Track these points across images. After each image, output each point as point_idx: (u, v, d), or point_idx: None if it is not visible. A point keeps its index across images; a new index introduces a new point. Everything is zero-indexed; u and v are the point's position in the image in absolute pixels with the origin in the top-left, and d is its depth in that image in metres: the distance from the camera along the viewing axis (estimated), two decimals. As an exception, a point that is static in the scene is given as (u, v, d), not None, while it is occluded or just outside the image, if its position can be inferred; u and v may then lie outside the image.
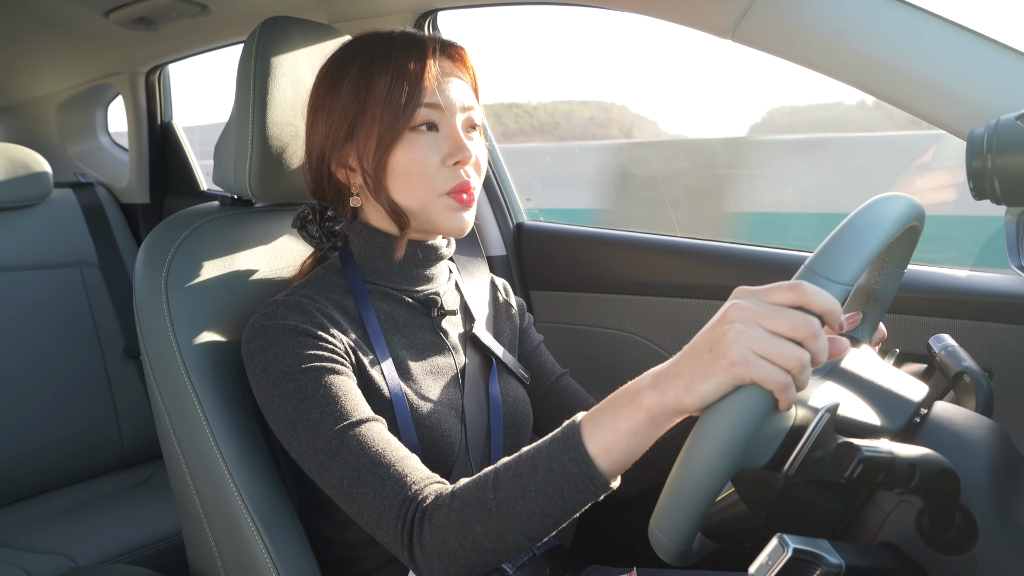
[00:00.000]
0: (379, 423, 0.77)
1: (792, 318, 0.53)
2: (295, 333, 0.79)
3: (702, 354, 0.56)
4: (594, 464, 0.63)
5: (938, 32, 0.84)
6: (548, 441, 0.66)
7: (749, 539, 0.62)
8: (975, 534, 0.56)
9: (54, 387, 1.69)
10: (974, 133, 0.67)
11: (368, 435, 0.75)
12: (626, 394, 0.62)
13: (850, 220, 0.59)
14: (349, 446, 0.74)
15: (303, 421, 0.76)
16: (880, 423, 0.62)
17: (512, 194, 1.57)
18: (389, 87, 0.82)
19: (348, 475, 0.73)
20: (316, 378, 0.77)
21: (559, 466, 0.64)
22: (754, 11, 0.92)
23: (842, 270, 0.55)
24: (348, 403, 0.77)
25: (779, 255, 1.26)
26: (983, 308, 1.05)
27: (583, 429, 0.64)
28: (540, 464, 0.65)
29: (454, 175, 0.84)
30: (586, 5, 1.19)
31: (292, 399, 0.77)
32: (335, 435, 0.75)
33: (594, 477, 0.63)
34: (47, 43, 1.83)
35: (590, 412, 0.65)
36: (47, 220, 1.82)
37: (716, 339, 0.55)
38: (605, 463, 0.63)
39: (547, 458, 0.65)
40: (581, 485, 0.63)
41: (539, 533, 0.66)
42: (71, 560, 1.37)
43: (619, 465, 0.63)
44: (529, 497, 0.65)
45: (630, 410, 0.61)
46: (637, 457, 0.63)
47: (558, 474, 0.64)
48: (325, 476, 0.75)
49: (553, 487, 0.64)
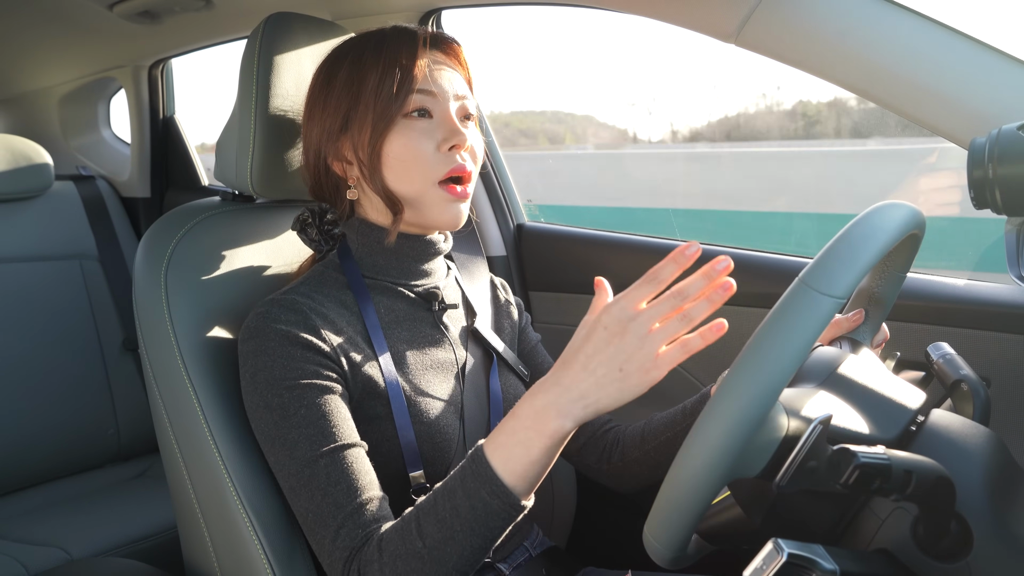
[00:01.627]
0: (356, 449, 0.78)
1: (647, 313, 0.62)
2: (286, 342, 0.79)
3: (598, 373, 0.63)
4: (512, 492, 0.67)
5: (941, 40, 0.84)
6: (460, 479, 0.69)
7: (744, 543, 0.63)
8: (970, 542, 0.56)
9: (51, 379, 1.69)
10: (975, 142, 0.67)
11: (340, 466, 0.76)
12: (531, 422, 0.66)
13: (847, 231, 0.58)
14: (318, 479, 0.75)
15: (281, 439, 0.78)
16: (875, 431, 0.62)
17: (512, 194, 1.57)
18: (381, 76, 0.83)
19: (314, 510, 0.75)
20: (300, 396, 0.78)
21: (479, 502, 0.67)
22: (757, 16, 0.92)
23: (836, 284, 0.54)
24: (328, 426, 0.77)
25: (779, 260, 1.26)
26: (982, 317, 1.05)
27: (493, 462, 0.67)
28: (460, 504, 0.68)
29: (449, 160, 0.84)
30: (587, 6, 1.19)
31: (274, 413, 0.78)
32: (308, 462, 0.76)
33: (514, 504, 0.67)
34: (50, 35, 1.83)
35: (494, 442, 0.68)
36: (48, 212, 1.82)
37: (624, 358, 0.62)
38: (522, 487, 0.67)
39: (465, 497, 0.68)
40: (504, 513, 0.67)
41: (473, 565, 0.70)
42: (66, 552, 1.37)
43: (534, 484, 0.68)
44: (458, 537, 0.68)
45: (541, 439, 0.65)
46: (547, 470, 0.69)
47: (480, 510, 0.67)
48: (294, 501, 0.78)
49: (478, 522, 0.67)
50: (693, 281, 0.61)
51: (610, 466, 1.01)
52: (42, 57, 1.97)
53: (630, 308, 0.62)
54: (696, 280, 0.61)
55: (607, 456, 1.02)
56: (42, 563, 1.33)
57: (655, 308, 0.62)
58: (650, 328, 0.61)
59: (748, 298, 1.26)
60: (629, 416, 1.10)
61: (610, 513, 1.43)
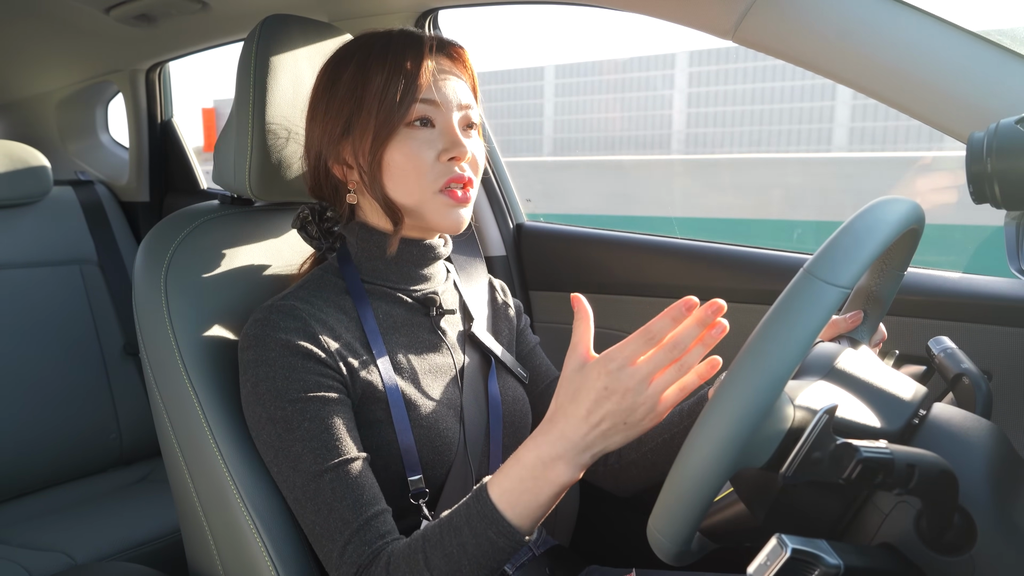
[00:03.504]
0: (360, 461, 0.79)
1: (636, 350, 0.65)
2: (287, 352, 0.79)
3: (618, 425, 0.66)
4: (519, 532, 0.70)
5: (939, 35, 0.84)
6: (466, 518, 0.71)
7: (748, 539, 0.63)
8: (973, 535, 0.56)
9: (53, 384, 1.69)
10: (974, 137, 0.67)
11: (345, 480, 0.77)
12: (539, 471, 0.69)
13: (849, 224, 0.58)
14: (324, 494, 0.76)
15: (285, 452, 0.78)
16: (879, 425, 0.63)
17: (512, 194, 1.57)
18: (385, 83, 0.82)
19: (320, 523, 0.76)
20: (303, 409, 0.78)
21: (486, 541, 0.70)
22: (755, 12, 0.92)
23: (840, 273, 0.55)
24: (331, 440, 0.78)
25: (778, 257, 1.26)
26: (982, 311, 1.05)
27: (500, 506, 0.70)
28: (467, 542, 0.71)
29: (448, 170, 0.84)
30: (587, 5, 1.19)
31: (278, 426, 0.78)
32: (313, 476, 0.77)
33: (519, 541, 0.71)
34: (47, 40, 1.83)
35: (499, 487, 0.71)
36: (47, 218, 1.82)
37: (629, 412, 0.65)
38: (528, 526, 0.71)
39: (472, 536, 0.71)
40: (509, 549, 0.71)
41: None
42: (70, 557, 1.38)
43: (539, 521, 0.72)
44: (464, 570, 0.71)
45: (551, 487, 0.69)
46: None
47: (486, 547, 0.70)
48: (300, 513, 0.79)
49: (484, 557, 0.71)
50: (688, 330, 0.64)
51: (607, 468, 1.01)
52: (39, 62, 1.97)
53: (628, 366, 0.65)
54: (690, 329, 0.64)
55: (604, 459, 1.01)
56: (46, 568, 1.33)
57: (652, 362, 0.65)
58: (650, 380, 0.65)
59: (747, 295, 1.26)
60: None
61: (613, 511, 1.43)
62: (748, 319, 1.27)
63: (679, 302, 0.65)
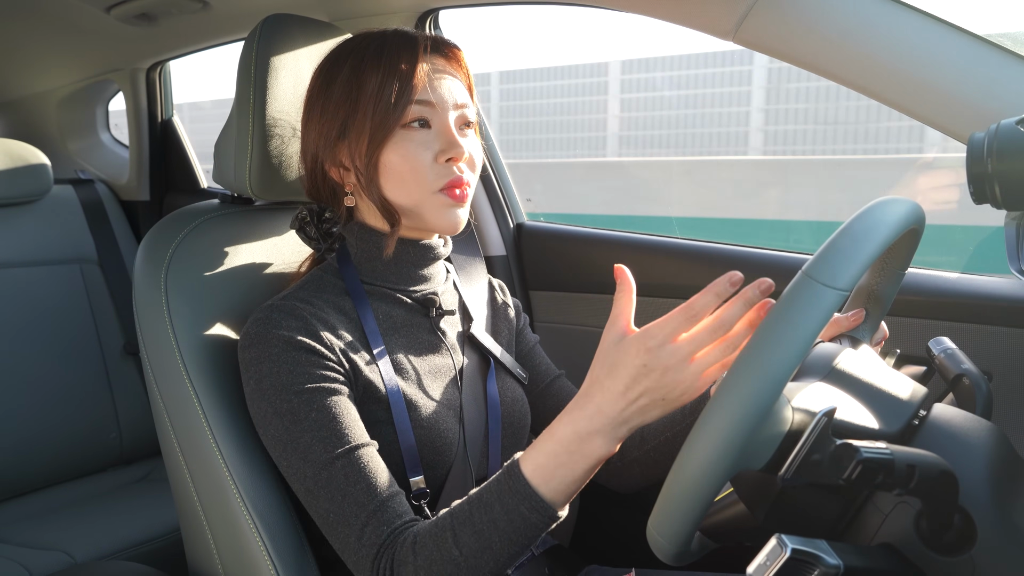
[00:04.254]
0: (370, 447, 0.78)
1: (688, 347, 0.63)
2: (290, 347, 0.79)
3: (656, 400, 0.64)
4: (552, 507, 0.69)
5: (940, 36, 0.84)
6: (497, 494, 0.70)
7: (748, 539, 0.63)
8: (973, 535, 0.56)
9: (53, 383, 1.69)
10: (974, 137, 0.67)
11: (357, 466, 0.76)
12: (575, 447, 0.68)
13: (848, 225, 0.58)
14: (336, 480, 0.76)
15: (294, 444, 0.78)
16: (878, 426, 0.63)
17: (512, 194, 1.57)
18: (380, 84, 0.82)
19: (335, 510, 0.76)
20: (309, 400, 0.78)
21: (518, 517, 0.69)
22: (755, 12, 0.92)
23: (839, 276, 0.54)
24: (340, 428, 0.77)
25: (779, 257, 1.26)
26: (983, 311, 1.05)
27: (533, 481, 0.69)
28: (498, 518, 0.70)
29: (446, 171, 0.84)
30: (586, 5, 1.19)
31: (284, 419, 0.78)
32: (324, 464, 0.76)
33: (553, 516, 0.70)
34: (48, 38, 1.83)
35: (533, 462, 0.69)
36: (47, 216, 1.82)
37: (668, 388, 0.64)
38: (562, 500, 0.70)
39: (504, 512, 0.69)
40: (542, 524, 0.70)
41: (508, 567, 0.72)
42: (70, 556, 1.38)
43: (570, 497, 0.71)
44: (495, 547, 0.70)
45: (587, 460, 0.68)
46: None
47: (518, 523, 0.69)
48: (312, 504, 0.78)
49: (516, 533, 0.70)
50: (733, 309, 0.62)
51: (609, 466, 1.01)
52: (39, 61, 1.97)
53: (669, 344, 0.63)
54: (736, 307, 0.62)
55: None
56: (46, 567, 1.33)
57: (695, 340, 0.63)
58: (691, 359, 0.63)
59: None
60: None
61: (613, 511, 1.43)
62: (748, 319, 1.27)
63: (724, 276, 0.62)
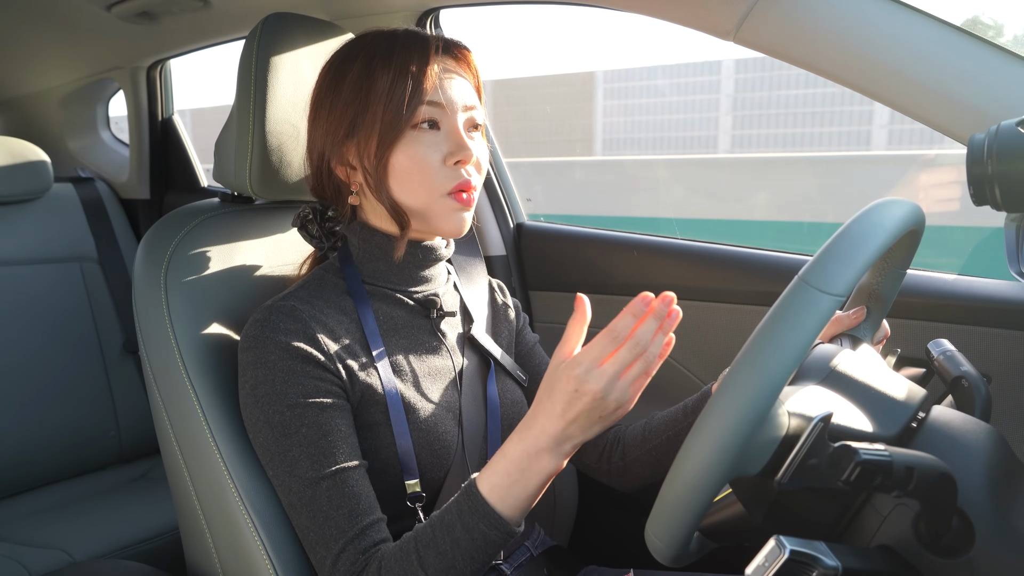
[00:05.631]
0: (357, 469, 0.79)
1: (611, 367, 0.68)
2: (287, 355, 0.79)
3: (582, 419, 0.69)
4: (510, 523, 0.73)
5: (940, 36, 0.84)
6: (457, 514, 0.73)
7: (747, 539, 0.63)
8: (972, 538, 0.56)
9: (52, 381, 1.69)
10: (975, 139, 0.67)
11: (341, 489, 0.77)
12: (525, 464, 0.72)
13: (845, 229, 0.58)
14: (319, 500, 0.77)
15: (282, 457, 0.79)
16: (876, 429, 0.62)
17: (512, 194, 1.57)
18: (391, 85, 0.81)
19: (315, 529, 0.77)
20: (301, 415, 0.78)
21: (479, 534, 0.72)
22: (756, 13, 0.92)
23: (835, 281, 0.54)
24: (329, 446, 0.78)
25: (778, 258, 1.26)
26: (982, 313, 1.05)
27: (490, 500, 0.72)
28: (460, 537, 0.73)
29: (455, 174, 0.84)
30: (586, 5, 1.19)
31: (275, 431, 0.79)
32: (309, 483, 0.77)
33: (511, 532, 0.73)
34: (49, 37, 1.83)
35: (488, 482, 0.73)
36: (47, 214, 1.82)
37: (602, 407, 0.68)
38: (517, 517, 0.73)
39: (464, 531, 0.73)
40: (500, 540, 0.73)
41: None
42: (68, 555, 1.38)
43: (527, 511, 0.74)
44: (459, 566, 0.73)
45: (537, 477, 0.72)
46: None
47: (479, 540, 0.72)
48: (294, 518, 0.80)
49: (477, 551, 0.73)
50: (645, 326, 0.68)
51: (611, 466, 1.01)
52: (40, 59, 1.97)
53: (595, 368, 0.68)
54: (648, 324, 0.68)
55: (607, 456, 1.02)
56: (44, 565, 1.33)
57: (617, 361, 0.68)
58: (619, 378, 0.68)
59: (747, 296, 1.26)
60: (630, 416, 1.10)
61: (612, 512, 1.43)
62: (747, 320, 1.27)
63: (636, 299, 0.68)
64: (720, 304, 1.29)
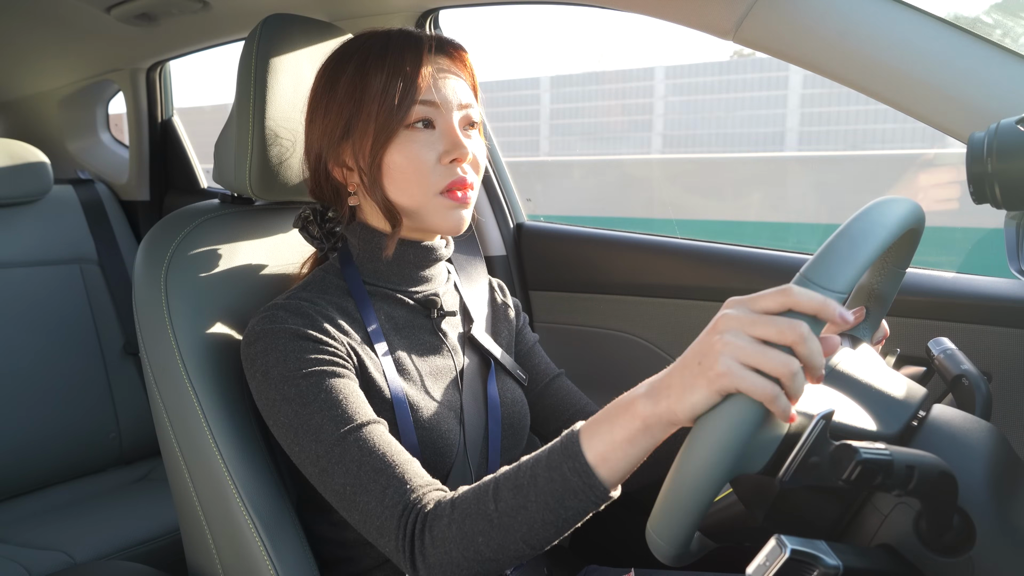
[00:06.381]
0: (381, 425, 0.78)
1: (779, 323, 0.53)
2: (296, 337, 0.79)
3: (691, 366, 0.56)
4: (594, 473, 0.64)
5: (940, 35, 0.84)
6: (547, 451, 0.67)
7: (748, 539, 0.63)
8: (972, 536, 0.56)
9: (53, 383, 1.69)
10: (974, 137, 0.67)
11: (370, 439, 0.75)
12: (622, 403, 0.63)
13: (846, 227, 0.58)
14: (351, 453, 0.74)
15: (304, 426, 0.76)
16: (877, 428, 0.62)
17: (512, 194, 1.57)
18: (384, 84, 0.82)
19: (351, 482, 0.73)
20: (317, 382, 0.77)
21: (559, 476, 0.65)
22: (756, 12, 0.92)
23: (836, 279, 0.55)
24: (350, 406, 0.77)
25: (778, 257, 1.26)
26: (982, 312, 1.05)
27: (582, 439, 0.65)
28: (540, 474, 0.66)
29: (450, 172, 0.84)
30: (586, 5, 1.19)
31: (294, 404, 0.77)
32: (337, 441, 0.75)
33: (594, 486, 0.64)
34: (48, 38, 1.83)
35: (589, 421, 0.66)
36: (47, 216, 1.82)
37: (704, 351, 0.56)
38: (604, 472, 0.64)
39: (547, 468, 0.66)
40: (581, 494, 0.64)
41: (541, 542, 0.67)
42: (69, 556, 1.38)
43: (618, 474, 0.64)
44: (531, 507, 0.66)
45: (625, 419, 0.62)
46: (636, 466, 0.64)
47: (558, 484, 0.65)
48: (328, 483, 0.75)
49: (554, 497, 0.65)
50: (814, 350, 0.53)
51: None
52: (39, 61, 1.97)
53: (752, 305, 0.57)
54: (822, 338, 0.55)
55: None
56: (45, 567, 1.33)
57: (772, 321, 0.54)
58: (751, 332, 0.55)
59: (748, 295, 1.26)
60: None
61: (613, 511, 1.43)
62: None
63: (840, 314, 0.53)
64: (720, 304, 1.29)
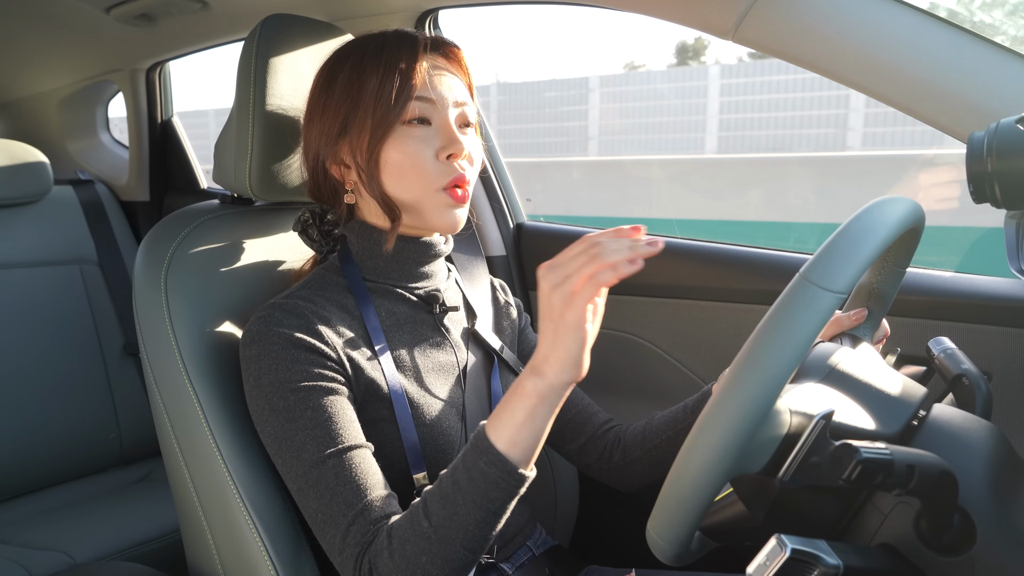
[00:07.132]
0: (363, 449, 0.78)
1: (570, 254, 0.65)
2: (290, 345, 0.79)
3: (549, 333, 0.66)
4: (507, 460, 0.68)
5: (939, 34, 0.84)
6: (461, 456, 0.71)
7: (748, 538, 0.63)
8: (973, 536, 0.56)
9: (53, 384, 1.69)
10: (974, 136, 0.67)
11: (348, 467, 0.76)
12: (513, 390, 0.69)
13: (845, 227, 0.58)
14: (326, 479, 0.76)
15: (288, 442, 0.78)
16: (877, 427, 0.63)
17: (512, 194, 1.57)
18: (380, 81, 0.82)
19: (323, 510, 0.76)
20: (305, 398, 0.78)
21: (478, 473, 0.69)
22: (755, 11, 0.92)
23: (836, 279, 0.54)
24: (334, 428, 0.78)
25: (778, 257, 1.26)
26: (982, 311, 1.05)
27: (488, 433, 0.69)
28: (460, 479, 0.70)
29: (448, 169, 0.84)
30: (586, 5, 1.19)
31: (280, 417, 0.78)
32: (316, 463, 0.76)
33: (511, 471, 0.69)
34: (48, 39, 1.83)
35: (490, 417, 0.71)
36: (47, 217, 1.82)
37: (550, 315, 0.65)
38: (516, 455, 0.69)
39: (465, 470, 0.69)
40: (503, 482, 0.69)
41: (480, 543, 0.71)
42: (70, 557, 1.38)
43: (529, 452, 0.70)
44: (461, 512, 0.69)
45: (520, 400, 0.68)
46: (541, 438, 0.70)
47: (479, 481, 0.69)
48: (302, 503, 0.78)
49: (479, 494, 0.69)
50: (616, 241, 0.64)
51: (611, 465, 1.01)
52: (39, 62, 1.97)
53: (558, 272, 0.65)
54: (620, 242, 0.65)
55: (608, 455, 1.02)
56: (46, 567, 1.33)
57: (571, 262, 0.65)
58: (568, 279, 0.64)
59: (748, 295, 1.26)
60: (630, 415, 1.10)
61: (613, 511, 1.43)
62: (748, 319, 1.27)
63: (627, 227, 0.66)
64: (721, 303, 1.29)
